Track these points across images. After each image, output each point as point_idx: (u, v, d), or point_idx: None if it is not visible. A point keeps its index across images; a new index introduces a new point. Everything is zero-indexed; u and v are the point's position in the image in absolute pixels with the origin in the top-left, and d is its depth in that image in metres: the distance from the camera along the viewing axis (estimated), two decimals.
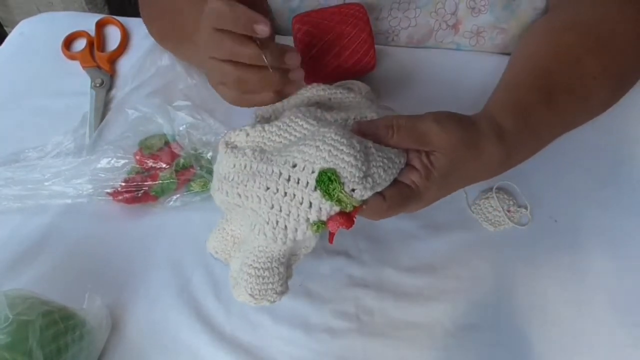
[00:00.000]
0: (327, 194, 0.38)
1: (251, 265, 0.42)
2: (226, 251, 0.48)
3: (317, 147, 0.39)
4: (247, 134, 0.44)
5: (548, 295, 0.51)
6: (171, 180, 0.58)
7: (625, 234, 0.54)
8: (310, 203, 0.38)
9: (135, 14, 0.76)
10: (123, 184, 0.58)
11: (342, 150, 0.38)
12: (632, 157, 0.60)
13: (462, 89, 0.65)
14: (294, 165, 0.39)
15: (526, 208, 0.56)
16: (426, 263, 0.53)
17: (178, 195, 0.58)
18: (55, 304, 0.46)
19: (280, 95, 0.48)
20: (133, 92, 0.66)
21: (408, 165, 0.42)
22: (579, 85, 0.52)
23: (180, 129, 0.62)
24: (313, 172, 0.38)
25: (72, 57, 0.73)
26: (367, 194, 0.39)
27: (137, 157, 0.60)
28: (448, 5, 0.66)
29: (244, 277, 0.42)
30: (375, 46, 0.61)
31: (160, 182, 0.58)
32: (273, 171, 0.39)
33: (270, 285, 0.42)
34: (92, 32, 0.75)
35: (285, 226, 0.39)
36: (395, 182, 0.42)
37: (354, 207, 0.39)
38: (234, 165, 0.42)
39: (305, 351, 0.49)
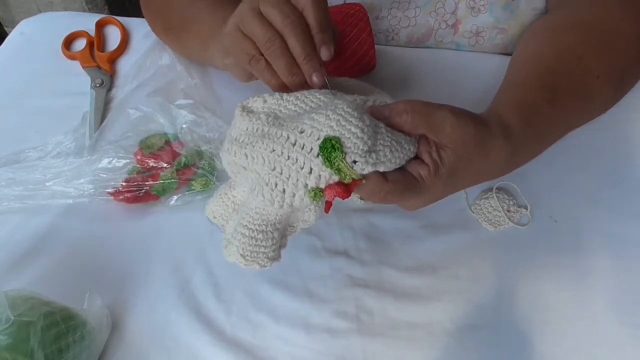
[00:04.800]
0: (328, 161, 0.38)
1: (246, 225, 0.42)
2: (225, 217, 0.47)
3: (327, 115, 0.39)
4: (265, 101, 0.44)
5: (548, 295, 0.51)
6: (172, 179, 0.58)
7: (625, 234, 0.54)
8: (311, 169, 0.38)
9: (135, 14, 0.76)
10: (124, 183, 0.58)
11: (351, 121, 0.39)
12: (633, 157, 0.60)
13: (462, 89, 0.65)
14: (302, 131, 0.39)
15: (526, 208, 0.56)
16: (426, 263, 0.53)
17: (179, 195, 0.58)
18: (57, 304, 0.46)
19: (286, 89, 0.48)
20: (134, 91, 0.66)
21: (417, 158, 0.42)
22: (582, 85, 0.52)
23: (183, 126, 0.62)
24: (319, 139, 0.38)
25: (72, 57, 0.73)
26: (368, 169, 0.39)
27: (138, 157, 0.60)
28: (448, 4, 0.67)
29: (237, 236, 0.42)
30: (375, 46, 0.61)
31: (162, 181, 0.58)
32: (282, 135, 0.40)
33: (262, 249, 0.42)
34: (92, 32, 0.75)
35: (284, 189, 0.39)
36: (402, 170, 0.42)
37: (353, 179, 0.39)
38: (247, 129, 0.43)
39: (305, 351, 0.49)
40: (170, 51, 0.69)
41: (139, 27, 0.76)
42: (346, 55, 0.60)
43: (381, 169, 0.39)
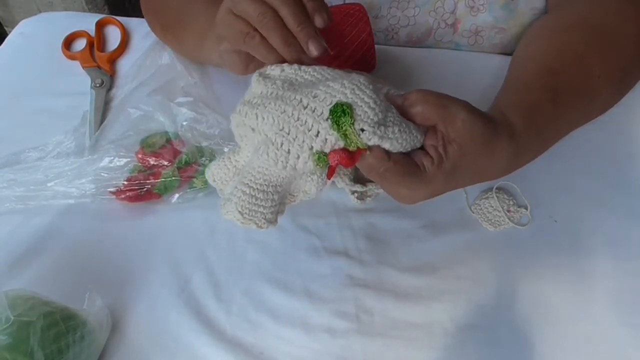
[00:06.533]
0: (336, 124, 0.38)
1: (247, 184, 0.42)
2: (224, 180, 0.47)
3: (343, 84, 0.39)
4: (283, 70, 0.44)
5: (548, 295, 0.51)
6: (174, 177, 0.58)
7: (625, 233, 0.54)
8: (318, 132, 0.39)
9: (135, 14, 0.77)
10: (126, 182, 0.58)
11: (365, 92, 0.39)
12: (633, 157, 0.60)
13: (461, 89, 0.64)
14: (315, 96, 0.39)
15: (526, 208, 0.56)
16: (426, 263, 0.53)
17: (181, 192, 0.58)
18: (57, 304, 0.46)
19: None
20: (134, 91, 0.66)
21: (422, 149, 0.42)
22: (584, 85, 0.52)
23: (183, 124, 0.62)
24: (330, 103, 0.39)
25: (72, 57, 0.73)
26: (374, 140, 0.39)
27: (139, 156, 0.60)
28: (447, 4, 0.67)
29: (237, 194, 0.42)
30: (375, 46, 0.61)
31: (163, 179, 0.58)
32: (295, 97, 0.40)
33: (261, 209, 0.42)
34: (92, 32, 0.75)
35: (289, 150, 0.39)
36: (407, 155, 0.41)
37: (358, 148, 0.39)
38: (261, 92, 0.43)
39: (305, 351, 0.49)
40: (170, 51, 0.69)
41: (139, 27, 0.76)
42: (346, 56, 0.60)
43: (387, 145, 0.39)
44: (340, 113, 0.38)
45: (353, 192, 0.56)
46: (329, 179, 0.42)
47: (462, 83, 0.66)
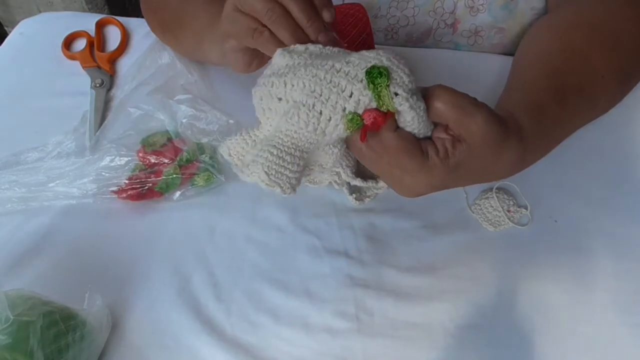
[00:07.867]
0: (372, 84, 0.38)
1: (275, 146, 0.42)
2: (241, 155, 0.47)
3: (378, 53, 0.40)
4: (307, 48, 0.44)
5: (548, 295, 0.51)
6: (175, 175, 0.58)
7: (625, 233, 0.54)
8: (352, 93, 0.39)
9: (135, 14, 0.77)
10: (127, 181, 0.58)
11: (401, 61, 0.39)
12: (633, 157, 0.60)
13: (461, 89, 0.64)
14: (349, 62, 0.39)
15: (526, 208, 0.56)
16: (426, 263, 0.53)
17: (183, 190, 0.58)
18: (56, 304, 0.46)
19: None
20: (134, 90, 0.66)
21: (429, 139, 0.42)
22: (589, 85, 0.52)
23: (183, 121, 0.62)
24: (365, 67, 0.39)
25: (72, 57, 0.73)
26: (405, 107, 0.38)
27: (140, 155, 0.60)
28: (446, 4, 0.67)
29: (264, 154, 0.42)
30: (376, 46, 0.61)
31: (165, 177, 0.58)
32: (327, 63, 0.40)
33: (287, 172, 0.42)
34: (92, 32, 0.75)
35: (321, 111, 0.39)
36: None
37: (388, 111, 0.39)
38: (287, 64, 0.43)
39: (305, 351, 0.49)
40: (170, 50, 0.69)
41: (139, 27, 0.76)
42: None
43: (409, 117, 0.39)
44: (377, 74, 0.38)
45: (352, 193, 0.56)
46: (363, 141, 0.41)
47: (461, 83, 0.65)
